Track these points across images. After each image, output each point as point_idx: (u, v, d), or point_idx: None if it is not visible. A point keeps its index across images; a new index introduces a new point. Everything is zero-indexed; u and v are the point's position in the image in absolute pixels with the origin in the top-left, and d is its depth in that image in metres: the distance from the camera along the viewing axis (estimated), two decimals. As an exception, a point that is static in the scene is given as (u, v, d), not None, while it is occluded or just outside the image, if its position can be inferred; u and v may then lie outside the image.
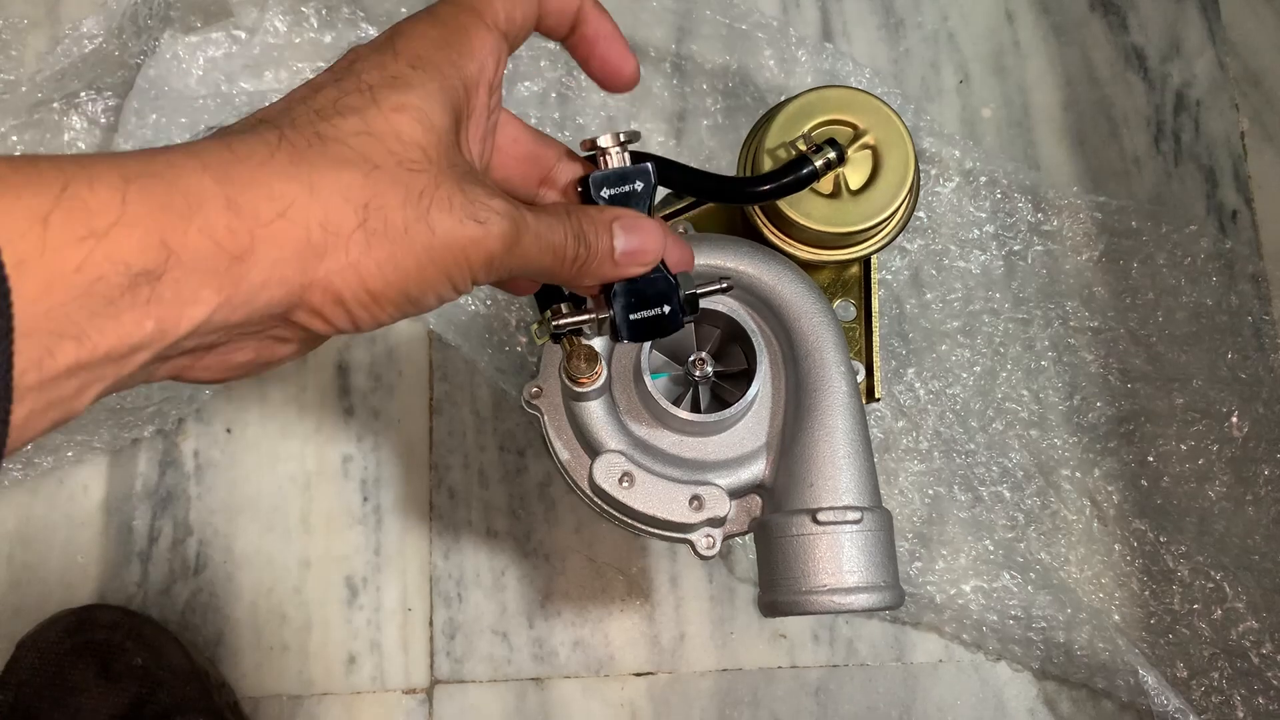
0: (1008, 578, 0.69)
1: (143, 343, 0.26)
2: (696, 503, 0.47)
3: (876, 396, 0.56)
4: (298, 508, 0.71)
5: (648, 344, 0.48)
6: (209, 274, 0.27)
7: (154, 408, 0.69)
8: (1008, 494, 0.72)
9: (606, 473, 0.47)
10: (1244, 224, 0.78)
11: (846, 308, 0.56)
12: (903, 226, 0.53)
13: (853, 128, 0.51)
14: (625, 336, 0.40)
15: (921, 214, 0.75)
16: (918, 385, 0.73)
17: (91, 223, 0.24)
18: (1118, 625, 0.70)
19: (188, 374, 0.31)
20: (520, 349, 0.72)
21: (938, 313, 0.74)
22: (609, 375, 0.49)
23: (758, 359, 0.48)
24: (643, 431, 0.50)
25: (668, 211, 0.56)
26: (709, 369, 0.50)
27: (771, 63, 0.73)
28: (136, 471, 0.71)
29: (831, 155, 0.48)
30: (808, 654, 0.70)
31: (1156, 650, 0.70)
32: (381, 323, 0.32)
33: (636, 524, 0.49)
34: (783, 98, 0.55)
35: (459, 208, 0.31)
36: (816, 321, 0.49)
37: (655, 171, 0.41)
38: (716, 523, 0.48)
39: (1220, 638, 0.70)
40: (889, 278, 0.75)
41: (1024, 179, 0.76)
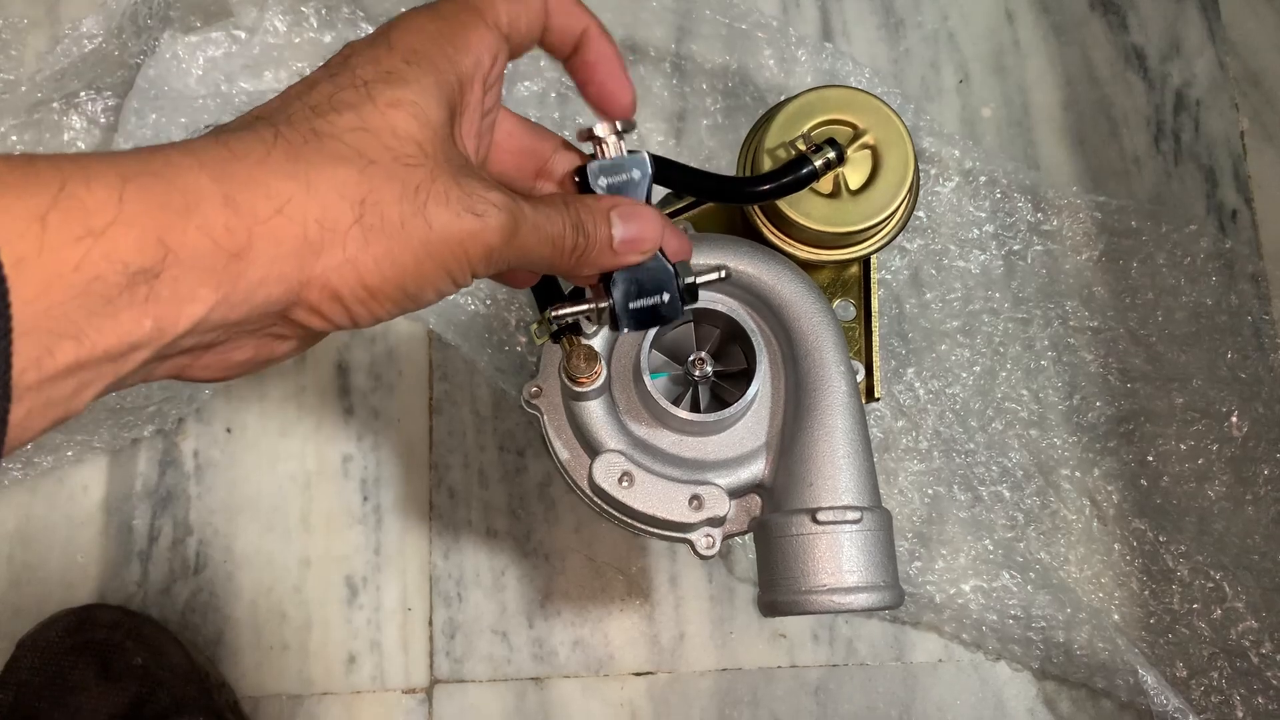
0: (1007, 577, 0.69)
1: (141, 341, 0.26)
2: (696, 502, 0.47)
3: (876, 396, 0.56)
4: (298, 507, 0.71)
5: (647, 344, 0.48)
6: (207, 272, 0.27)
7: (154, 407, 0.69)
8: (1007, 494, 0.72)
9: (606, 472, 0.47)
10: (1244, 223, 0.78)
11: (846, 307, 0.56)
12: (902, 226, 0.53)
13: (852, 127, 0.51)
14: (625, 325, 0.40)
15: (921, 214, 0.75)
16: (917, 385, 0.73)
17: (89, 222, 0.24)
18: (1117, 625, 0.70)
19: (187, 373, 0.31)
20: (520, 349, 0.72)
21: (937, 312, 0.74)
22: (608, 375, 0.49)
23: (757, 359, 0.48)
24: (642, 431, 0.50)
25: (667, 211, 0.56)
26: (708, 369, 0.50)
27: (771, 62, 0.73)
28: (136, 471, 0.71)
29: (831, 155, 0.48)
30: (807, 653, 0.70)
31: (1156, 650, 0.70)
32: (380, 318, 0.32)
33: (636, 524, 0.49)
34: (782, 97, 0.55)
35: (455, 201, 0.31)
36: (816, 321, 0.49)
37: (652, 161, 0.41)
38: (716, 522, 0.48)
39: (1220, 637, 0.70)
40: (889, 277, 0.75)
41: (1024, 179, 0.76)
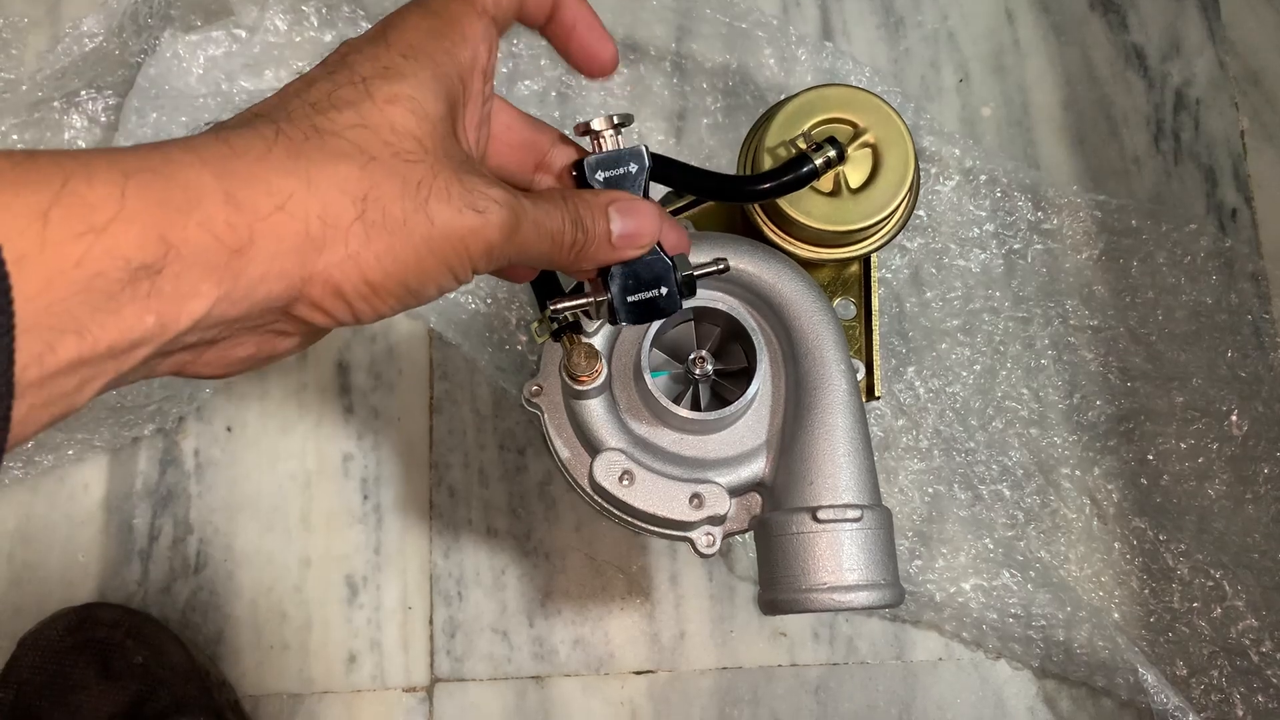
0: (1007, 576, 0.69)
1: (144, 337, 0.26)
2: (696, 501, 0.47)
3: (876, 395, 0.56)
4: (298, 506, 0.71)
5: (648, 342, 0.48)
6: (208, 268, 0.27)
7: (154, 406, 0.69)
8: (1007, 492, 0.72)
9: (607, 471, 0.47)
10: (1244, 223, 0.78)
11: (846, 306, 0.57)
12: (903, 225, 0.53)
13: (853, 126, 0.51)
14: (623, 319, 0.41)
15: (921, 212, 0.75)
16: (917, 384, 0.73)
17: (91, 218, 0.24)
18: (1117, 623, 0.70)
19: (189, 369, 0.31)
20: (520, 347, 0.72)
21: (938, 311, 0.74)
22: (609, 373, 0.49)
23: (758, 357, 0.48)
24: (643, 430, 0.50)
25: (669, 210, 0.56)
26: (709, 367, 0.50)
27: (771, 61, 0.73)
28: (137, 470, 0.71)
29: (831, 154, 0.48)
30: (808, 652, 0.70)
31: (1156, 648, 0.70)
32: (382, 314, 0.32)
33: (636, 522, 0.49)
34: (783, 96, 0.55)
35: (457, 197, 0.31)
36: (816, 320, 0.49)
37: (652, 159, 0.41)
38: (716, 521, 0.48)
39: (1220, 636, 0.70)
40: (889, 276, 0.75)
41: (1024, 178, 0.76)
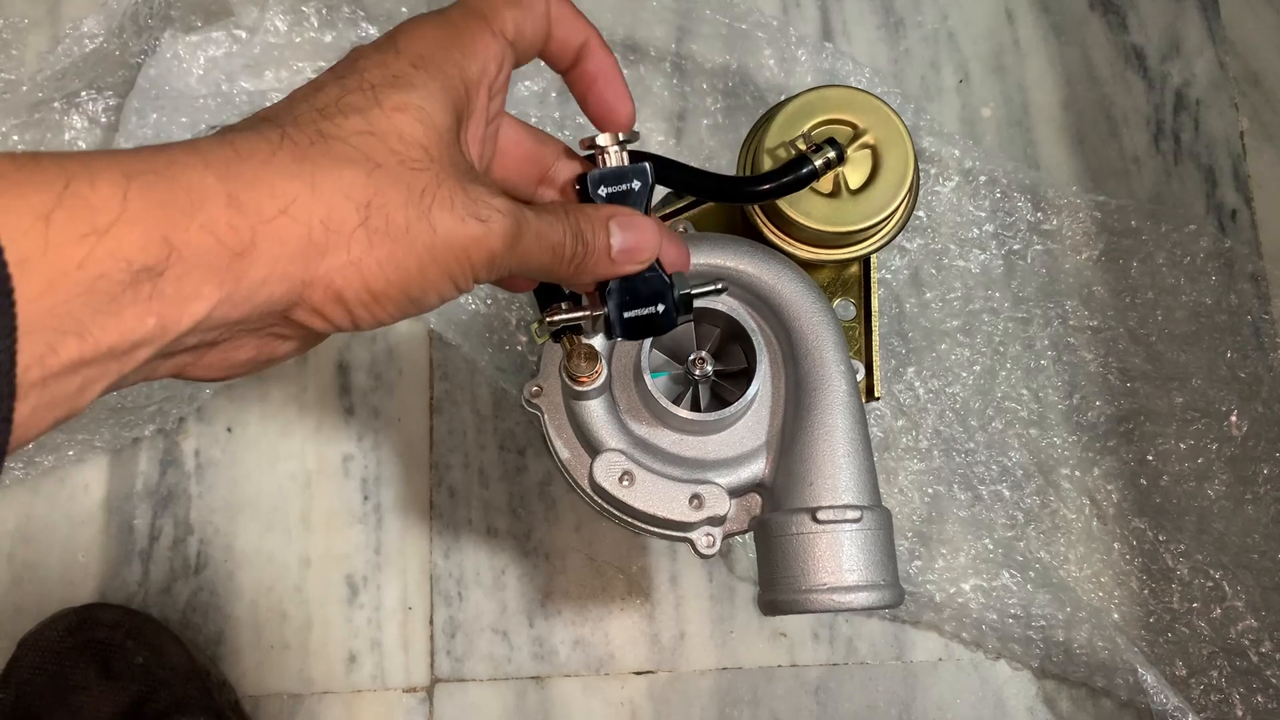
0: (1007, 576, 0.69)
1: (145, 339, 0.26)
2: (696, 501, 0.47)
3: (876, 395, 0.56)
4: (298, 506, 0.71)
5: (648, 343, 0.48)
6: (210, 270, 0.27)
7: (155, 407, 0.69)
8: (1007, 493, 0.72)
9: (607, 471, 0.47)
10: (1243, 223, 0.78)
11: (846, 307, 0.57)
12: (902, 226, 0.53)
13: (852, 127, 0.51)
14: (619, 334, 0.41)
15: (921, 213, 0.75)
16: (917, 384, 0.73)
17: (94, 220, 0.25)
18: (1117, 624, 0.70)
19: (189, 371, 0.31)
20: (520, 348, 0.72)
21: (937, 312, 0.74)
22: (609, 374, 0.49)
23: (757, 358, 0.48)
24: (643, 430, 0.50)
25: (668, 211, 0.56)
26: (709, 368, 0.50)
27: (771, 62, 0.73)
28: (137, 470, 0.71)
29: (831, 154, 0.48)
30: (808, 652, 0.70)
31: (1155, 649, 0.70)
32: (382, 322, 0.32)
33: (636, 523, 0.49)
34: (783, 97, 0.55)
35: (461, 206, 0.31)
36: (816, 320, 0.49)
37: (653, 171, 0.41)
38: (716, 521, 0.48)
39: (1219, 636, 0.70)
40: (889, 277, 0.75)
41: (1024, 178, 0.76)
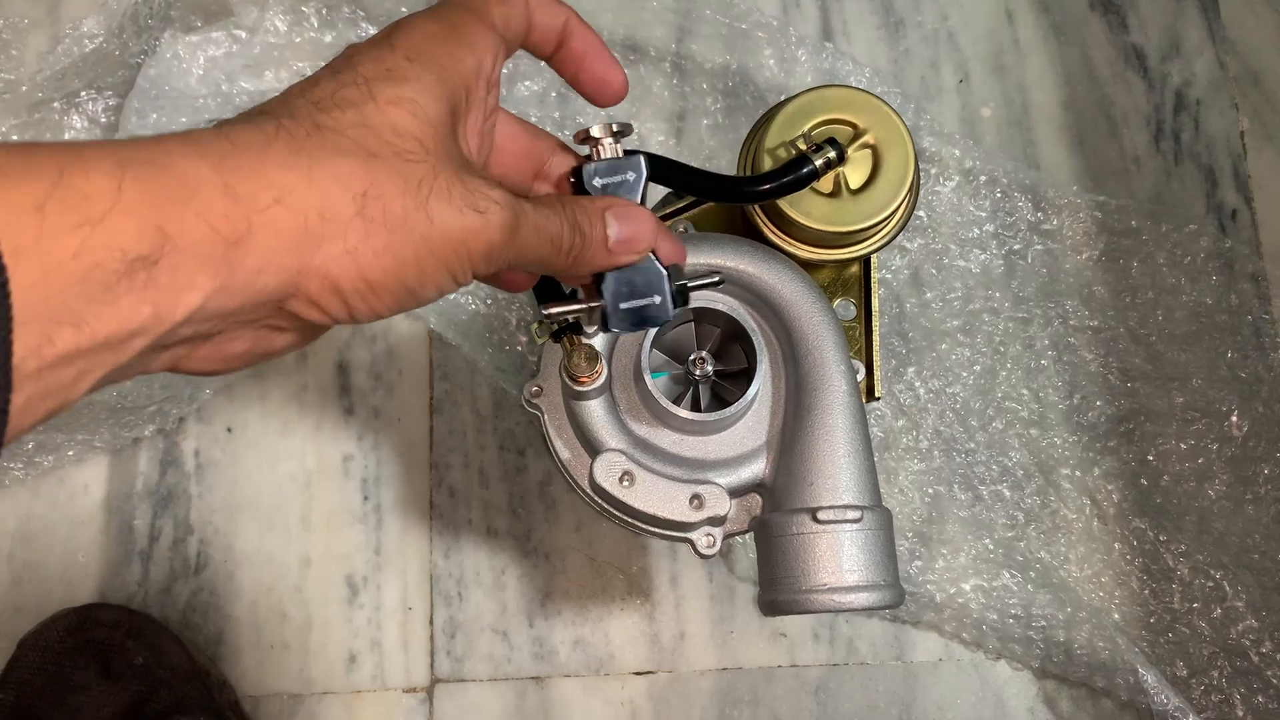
0: (1007, 576, 0.69)
1: (140, 329, 0.26)
2: (697, 501, 0.47)
3: (876, 395, 0.56)
4: (298, 506, 0.71)
5: (648, 343, 0.48)
6: (205, 259, 0.27)
7: (155, 407, 0.69)
8: (1007, 493, 0.72)
9: (607, 471, 0.47)
10: (1244, 223, 0.78)
11: (846, 307, 0.57)
12: (903, 226, 0.53)
13: (853, 127, 0.51)
14: (615, 326, 0.41)
15: (921, 213, 0.75)
16: (918, 384, 0.73)
17: (88, 209, 0.25)
18: (1117, 624, 0.70)
19: (184, 364, 0.31)
20: (520, 348, 0.72)
21: (938, 312, 0.74)
22: (609, 374, 0.49)
23: (758, 358, 0.48)
24: (643, 430, 0.50)
25: (668, 211, 0.56)
26: (709, 368, 0.50)
27: (771, 62, 0.73)
28: (137, 470, 0.71)
29: (831, 154, 0.48)
30: (808, 653, 0.70)
31: (1156, 649, 0.70)
32: (379, 314, 0.32)
33: (637, 523, 0.49)
34: (783, 97, 0.55)
35: (458, 197, 0.31)
36: (816, 320, 0.49)
37: (648, 163, 0.41)
38: (716, 521, 0.48)
39: (1220, 636, 0.70)
40: (889, 277, 0.75)
41: (1024, 178, 0.76)
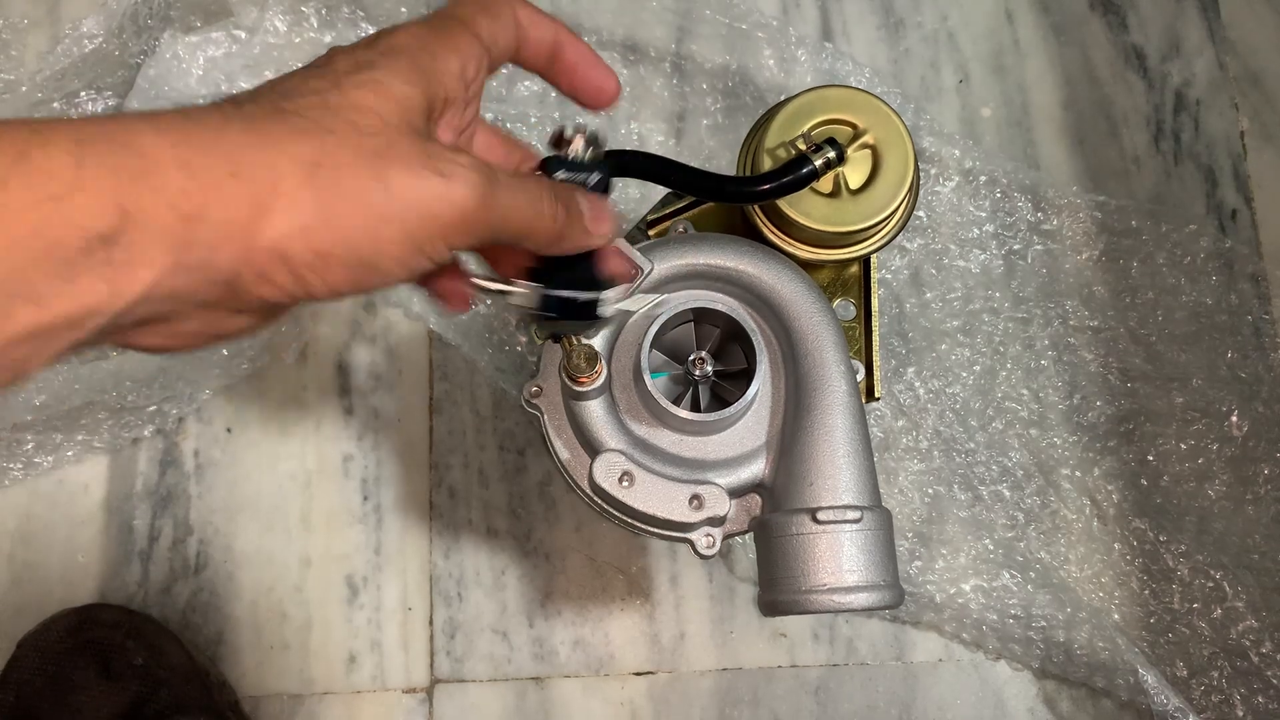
0: (1007, 577, 0.69)
1: (97, 307, 0.26)
2: (696, 502, 0.47)
3: (876, 396, 0.56)
4: (298, 507, 0.71)
5: (648, 343, 0.48)
6: (161, 236, 0.27)
7: (154, 407, 0.69)
8: (1007, 493, 0.72)
9: (606, 472, 0.47)
10: (1244, 223, 0.78)
11: (846, 307, 0.57)
12: (902, 226, 0.53)
13: (852, 127, 0.51)
14: (541, 310, 0.40)
15: (921, 213, 0.75)
16: (917, 384, 0.73)
17: (49, 186, 0.25)
18: (1117, 624, 0.70)
19: (138, 340, 0.31)
20: (520, 348, 0.72)
21: (937, 312, 0.74)
22: (609, 374, 0.49)
23: (757, 358, 0.48)
24: (642, 431, 0.50)
25: (668, 211, 0.56)
26: (709, 368, 0.50)
27: (771, 62, 0.73)
28: (137, 471, 0.71)
29: (831, 155, 0.48)
30: (808, 653, 0.70)
31: (1156, 649, 0.70)
32: (335, 289, 0.31)
33: (636, 523, 0.49)
34: (782, 97, 0.55)
35: (418, 163, 0.31)
36: (816, 321, 0.49)
37: (611, 168, 0.42)
38: (716, 522, 0.48)
39: (1220, 637, 0.70)
40: (889, 277, 0.75)
41: (1024, 178, 0.76)
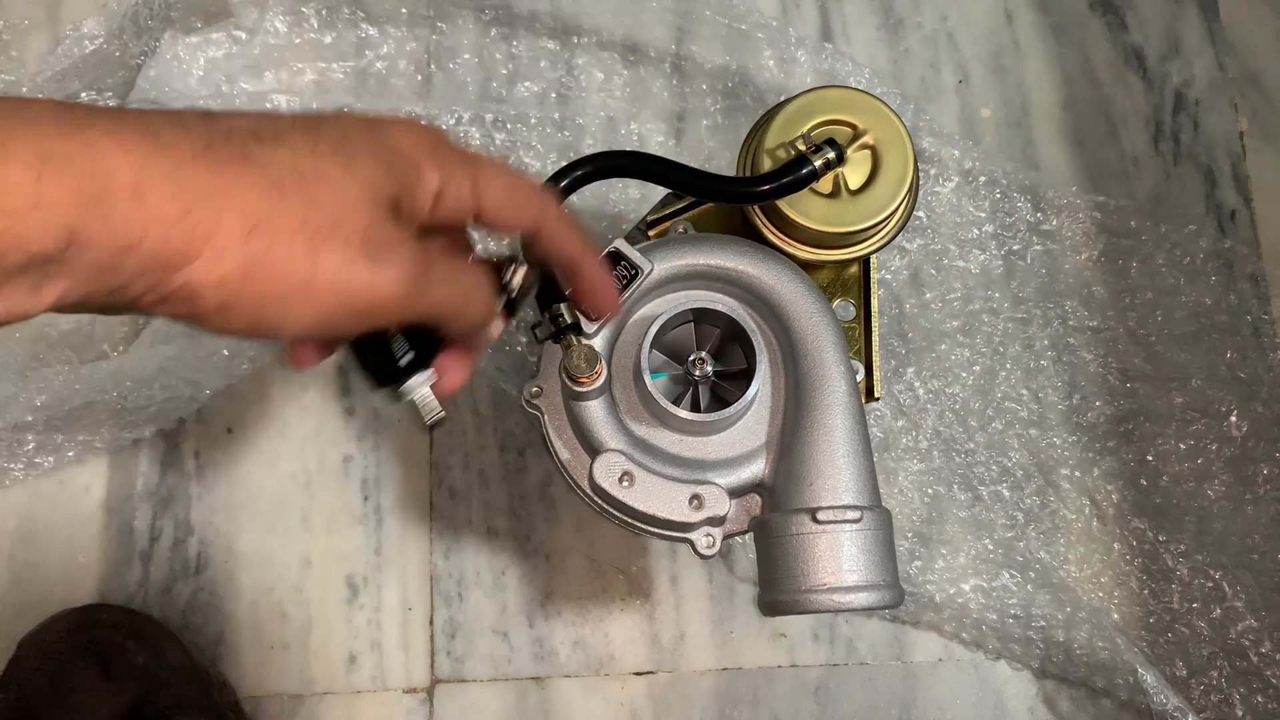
0: (1007, 577, 0.69)
1: (4, 316, 0.27)
2: (696, 502, 0.47)
3: (876, 396, 0.56)
4: (298, 507, 0.71)
5: (648, 344, 0.48)
6: (94, 261, 0.27)
7: (155, 408, 0.69)
8: (1007, 493, 0.72)
9: (606, 472, 0.47)
10: (1243, 223, 0.78)
11: (846, 307, 0.57)
12: (902, 226, 0.53)
13: (852, 128, 0.51)
14: (351, 345, 0.41)
15: (921, 214, 0.75)
16: (917, 384, 0.73)
17: (3, 201, 0.25)
18: (1117, 624, 0.70)
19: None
20: (520, 349, 0.72)
21: (937, 312, 0.74)
22: (609, 375, 0.49)
23: (757, 358, 0.48)
24: (643, 431, 0.50)
25: (668, 211, 0.56)
26: (709, 368, 0.50)
27: (771, 63, 0.73)
28: (138, 471, 0.71)
29: (831, 155, 0.48)
30: (808, 653, 0.70)
31: (1155, 649, 0.70)
32: (229, 331, 0.31)
33: (636, 523, 0.49)
34: (782, 98, 0.55)
35: (355, 248, 0.31)
36: (816, 321, 0.49)
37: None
38: (716, 522, 0.48)
39: (1219, 636, 0.70)
40: (888, 277, 0.75)
41: (1023, 179, 0.76)
